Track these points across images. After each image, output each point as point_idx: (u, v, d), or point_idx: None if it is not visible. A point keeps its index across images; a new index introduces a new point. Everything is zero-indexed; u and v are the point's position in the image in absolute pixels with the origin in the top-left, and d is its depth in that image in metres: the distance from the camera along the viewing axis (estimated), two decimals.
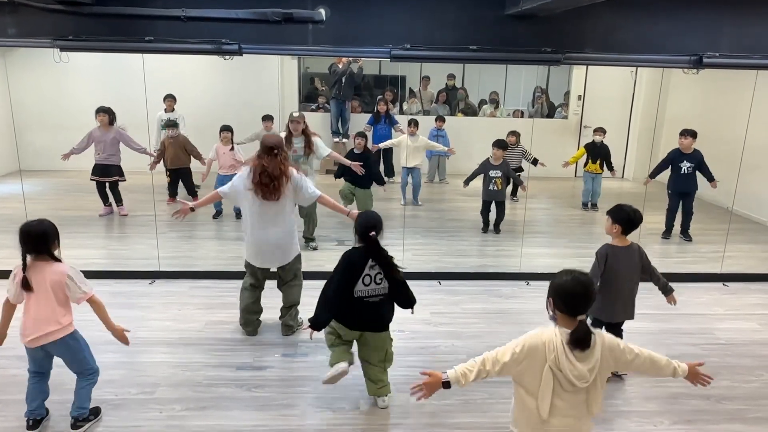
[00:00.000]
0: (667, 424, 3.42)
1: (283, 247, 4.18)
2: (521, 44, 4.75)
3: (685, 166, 6.74)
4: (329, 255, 5.72)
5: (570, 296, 2.24)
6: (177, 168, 7.66)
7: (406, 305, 3.43)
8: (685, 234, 6.98)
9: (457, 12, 4.71)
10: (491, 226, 7.12)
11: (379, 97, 9.98)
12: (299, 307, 4.39)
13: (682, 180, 6.80)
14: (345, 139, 9.80)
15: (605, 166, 8.28)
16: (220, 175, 7.05)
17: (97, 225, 7.11)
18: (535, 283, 5.48)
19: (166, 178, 7.72)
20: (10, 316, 3.12)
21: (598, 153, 8.26)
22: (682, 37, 4.83)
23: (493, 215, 7.11)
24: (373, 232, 3.23)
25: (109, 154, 7.23)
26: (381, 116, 9.48)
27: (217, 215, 7.46)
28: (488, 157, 7.15)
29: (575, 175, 10.04)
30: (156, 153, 7.62)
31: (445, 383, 2.33)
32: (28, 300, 3.02)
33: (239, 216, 7.05)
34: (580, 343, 2.18)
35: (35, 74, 9.22)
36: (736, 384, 3.86)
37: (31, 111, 9.12)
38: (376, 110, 9.58)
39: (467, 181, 7.17)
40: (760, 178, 7.42)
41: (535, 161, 8.31)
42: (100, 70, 9.55)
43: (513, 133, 8.42)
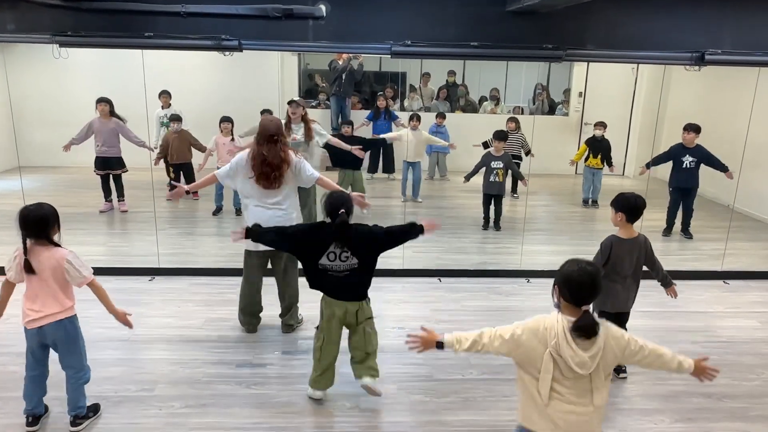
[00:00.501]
0: (668, 422, 3.42)
1: (284, 224, 4.06)
2: (522, 41, 4.73)
3: (687, 161, 6.72)
4: None
5: (576, 286, 2.23)
6: (180, 163, 7.65)
7: (414, 236, 3.37)
8: (685, 231, 6.97)
9: (458, 8, 4.69)
10: (491, 223, 7.12)
11: (379, 93, 9.96)
12: (298, 305, 4.38)
13: (684, 175, 6.77)
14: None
15: (605, 162, 8.29)
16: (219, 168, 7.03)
17: (97, 221, 7.10)
18: (536, 281, 5.47)
19: (167, 175, 7.70)
20: (9, 295, 3.11)
21: (599, 147, 8.28)
22: (684, 34, 4.80)
23: (492, 212, 7.10)
24: (342, 210, 3.20)
25: (109, 146, 7.22)
26: (381, 112, 9.47)
27: (218, 211, 7.44)
28: (488, 150, 7.14)
29: (576, 172, 10.02)
30: (159, 148, 7.62)
31: (439, 343, 2.37)
32: (30, 283, 3.01)
33: (239, 213, 7.04)
34: (583, 331, 2.18)
35: (34, 70, 9.21)
36: (737, 382, 3.86)
37: (30, 107, 9.11)
38: (375, 106, 9.59)
39: (468, 177, 7.16)
40: (762, 176, 7.40)
41: (528, 152, 8.44)
42: (100, 66, 9.51)
43: (512, 120, 8.64)
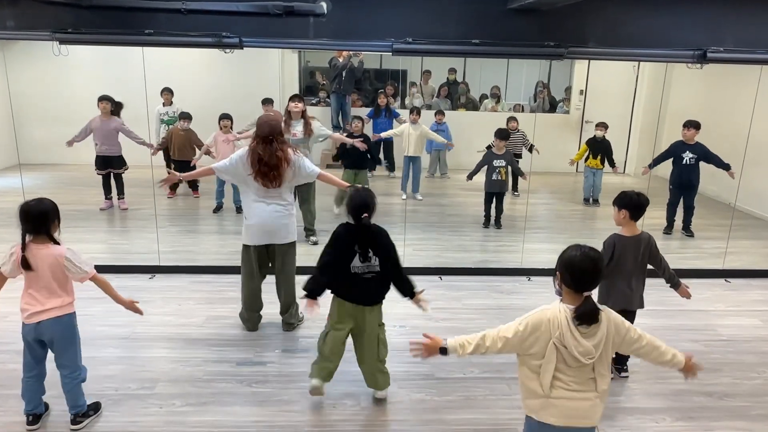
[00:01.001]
0: (669, 421, 3.41)
1: (285, 220, 4.09)
2: (524, 38, 4.72)
3: (687, 157, 6.70)
4: None
5: (578, 271, 2.22)
6: (181, 161, 7.64)
7: (404, 291, 3.34)
8: (686, 229, 6.96)
9: (459, 5, 4.68)
10: (492, 221, 7.10)
11: (380, 90, 9.94)
12: (298, 302, 4.37)
13: (684, 172, 6.75)
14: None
15: (606, 162, 8.28)
16: None
17: (97, 219, 7.09)
18: (537, 279, 5.47)
19: (167, 173, 7.67)
20: (0, 287, 3.09)
21: (599, 148, 8.27)
22: (686, 32, 4.78)
23: (494, 210, 7.08)
24: (366, 214, 3.19)
25: (110, 145, 7.22)
26: (381, 109, 9.46)
27: (218, 209, 7.43)
28: (491, 149, 7.13)
29: (576, 170, 10.01)
30: (161, 142, 7.61)
31: (442, 349, 2.37)
32: (28, 279, 3.00)
33: (240, 210, 7.03)
34: (586, 318, 2.17)
35: (35, 67, 9.19)
36: (739, 381, 3.85)
37: (30, 104, 9.08)
38: (376, 103, 9.58)
39: (471, 175, 7.15)
40: (763, 174, 7.39)
41: (531, 148, 8.43)
42: (100, 63, 9.51)
43: (512, 119, 8.68)
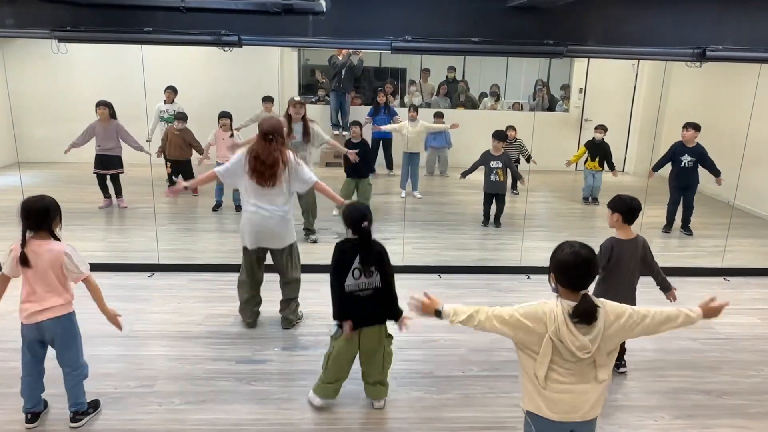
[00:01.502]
0: (668, 419, 3.42)
1: (280, 227, 4.08)
2: (523, 36, 4.72)
3: (685, 160, 6.71)
4: (329, 248, 5.64)
5: (572, 270, 2.22)
6: (178, 160, 7.63)
7: (391, 313, 3.23)
8: (686, 228, 6.97)
9: (458, 3, 4.67)
10: (491, 220, 7.10)
11: (379, 88, 9.94)
12: (299, 300, 4.38)
13: (682, 174, 6.77)
14: (345, 132, 9.76)
15: (605, 164, 8.26)
16: (219, 164, 7.01)
17: (96, 217, 7.09)
18: (536, 277, 5.46)
19: (166, 171, 7.68)
20: (3, 290, 3.10)
21: (598, 151, 8.27)
22: (685, 30, 4.78)
23: (493, 208, 7.09)
24: (366, 222, 3.19)
25: (110, 146, 7.23)
26: (380, 107, 9.46)
27: (217, 207, 7.43)
28: (488, 150, 7.13)
29: (576, 169, 10.00)
30: (159, 147, 7.61)
31: (437, 312, 2.40)
32: (27, 277, 2.99)
33: (239, 209, 7.02)
34: (584, 317, 2.17)
35: (33, 65, 9.18)
36: (737, 379, 3.86)
37: (29, 102, 9.08)
38: (375, 101, 9.58)
39: (465, 174, 7.15)
40: (762, 173, 7.39)
41: (528, 158, 8.34)
42: (99, 61, 9.49)
43: (511, 128, 8.54)
